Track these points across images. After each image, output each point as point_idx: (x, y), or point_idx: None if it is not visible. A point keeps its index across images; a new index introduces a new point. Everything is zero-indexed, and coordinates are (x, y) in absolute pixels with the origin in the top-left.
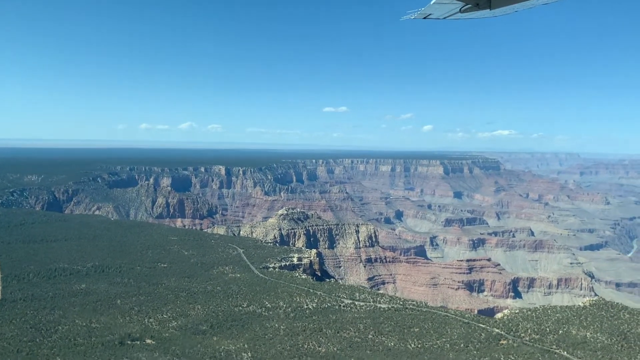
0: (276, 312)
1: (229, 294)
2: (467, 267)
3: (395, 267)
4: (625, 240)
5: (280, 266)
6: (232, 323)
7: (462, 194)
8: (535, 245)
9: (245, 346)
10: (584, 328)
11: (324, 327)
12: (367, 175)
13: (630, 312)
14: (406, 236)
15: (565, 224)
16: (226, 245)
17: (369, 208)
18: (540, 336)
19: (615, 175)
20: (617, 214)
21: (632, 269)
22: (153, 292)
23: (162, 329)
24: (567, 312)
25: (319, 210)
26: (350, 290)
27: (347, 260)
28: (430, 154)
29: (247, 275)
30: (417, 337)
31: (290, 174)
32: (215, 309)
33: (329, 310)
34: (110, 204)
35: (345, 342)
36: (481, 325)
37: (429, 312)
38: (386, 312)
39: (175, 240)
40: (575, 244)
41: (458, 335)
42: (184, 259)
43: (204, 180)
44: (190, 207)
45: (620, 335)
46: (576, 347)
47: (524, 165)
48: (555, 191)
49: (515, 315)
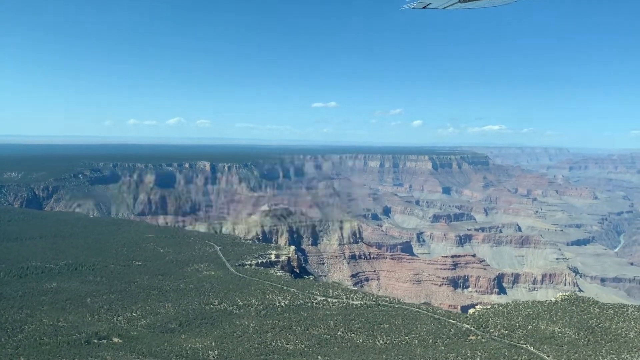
0: (247, 309)
1: (201, 292)
2: (452, 263)
3: (379, 263)
4: (612, 235)
5: (257, 263)
6: (202, 321)
7: (451, 190)
8: (522, 240)
9: (212, 344)
10: (553, 323)
11: (294, 325)
12: (356, 171)
13: (600, 307)
14: (393, 232)
15: (553, 219)
16: (203, 243)
17: (356, 204)
18: (509, 331)
19: (604, 170)
20: (605, 208)
21: (618, 264)
22: (125, 291)
23: (131, 327)
24: (537, 308)
25: (305, 206)
26: (324, 287)
27: (330, 257)
28: (419, 149)
29: (222, 273)
30: (387, 333)
31: (277, 170)
32: (186, 307)
33: (300, 307)
34: (91, 201)
35: (314, 339)
36: (451, 321)
37: (400, 309)
38: (358, 308)
39: (152, 238)
40: (562, 239)
41: (427, 331)
42: (159, 257)
43: (188, 177)
44: (172, 203)
45: (588, 329)
46: (543, 342)
47: (513, 160)
48: (543, 186)
49: (487, 311)
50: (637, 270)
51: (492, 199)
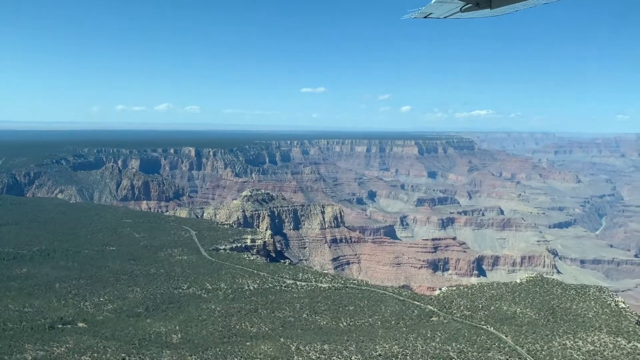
0: (216, 293)
1: (171, 277)
2: (432, 246)
3: (361, 247)
4: (594, 218)
5: (231, 248)
6: (169, 305)
7: (437, 174)
8: (504, 223)
9: (176, 328)
10: (515, 304)
11: (260, 308)
12: (343, 156)
13: (563, 288)
14: (377, 216)
15: (536, 202)
16: (179, 228)
17: (341, 189)
18: (472, 312)
19: (589, 154)
20: (588, 192)
21: (598, 246)
22: (95, 276)
23: (97, 312)
24: (502, 289)
25: (289, 191)
26: (294, 270)
27: (312, 241)
28: (407, 134)
29: (194, 258)
30: (351, 315)
31: (263, 155)
32: (154, 291)
33: (269, 291)
34: (74, 186)
35: (278, 322)
36: (416, 303)
37: (367, 291)
38: (325, 291)
39: (129, 223)
40: (544, 222)
41: (391, 313)
42: (134, 242)
43: (173, 162)
44: (155, 189)
45: (549, 310)
46: (504, 322)
47: (500, 145)
48: (527, 170)
49: (451, 293)
50: (616, 252)
51: (477, 182)
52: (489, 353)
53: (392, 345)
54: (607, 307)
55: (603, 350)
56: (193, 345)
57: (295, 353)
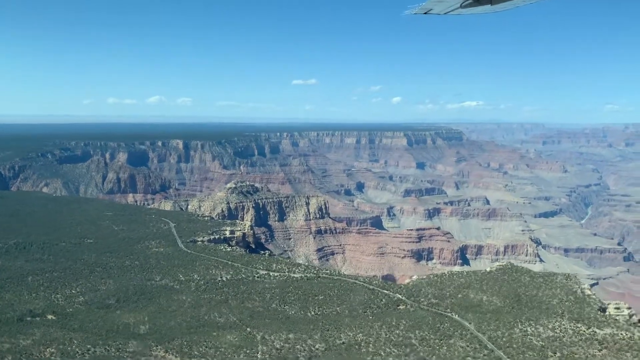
0: (188, 285)
1: (145, 268)
2: (417, 236)
3: (345, 237)
4: (580, 207)
5: (209, 240)
6: (140, 297)
7: (425, 165)
8: (489, 213)
9: (145, 319)
10: (482, 292)
11: (230, 299)
12: (333, 147)
13: (532, 276)
14: (364, 207)
15: (523, 192)
16: (159, 220)
17: (330, 180)
18: (439, 300)
19: (577, 144)
20: (574, 181)
21: (581, 235)
22: (69, 268)
23: (68, 304)
24: (471, 277)
25: (277, 183)
26: (268, 261)
27: (297, 232)
28: (398, 126)
29: (171, 250)
30: (319, 304)
31: (252, 148)
32: (127, 283)
33: (241, 281)
34: (59, 180)
35: (247, 312)
36: (385, 292)
37: (339, 280)
38: (297, 281)
39: (109, 216)
40: (530, 212)
41: (359, 302)
42: (113, 235)
43: (161, 155)
44: (142, 182)
45: (514, 297)
46: (469, 310)
47: (489, 135)
48: (515, 160)
49: (420, 281)
50: (600, 241)
51: (464, 173)
52: (450, 340)
53: (357, 334)
54: (572, 295)
55: (562, 336)
56: (160, 336)
57: (260, 342)
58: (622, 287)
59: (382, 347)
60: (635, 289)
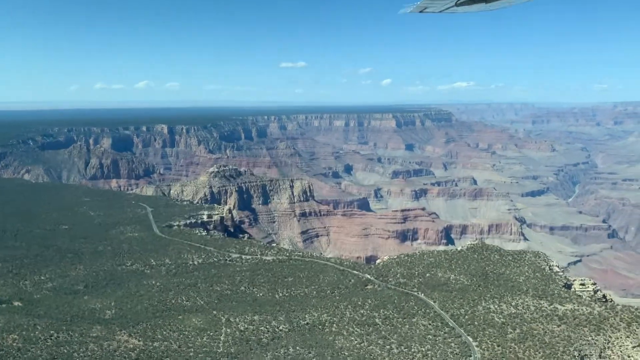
0: (159, 269)
1: (117, 254)
2: (402, 217)
3: (330, 220)
4: (567, 186)
5: (185, 224)
6: (109, 282)
7: (414, 146)
8: (475, 193)
9: (112, 304)
10: (450, 271)
11: (200, 282)
12: (322, 130)
13: (501, 254)
14: (352, 189)
15: (511, 171)
16: (137, 205)
17: (317, 163)
18: (407, 280)
19: (566, 123)
20: (562, 160)
21: (567, 213)
22: (41, 254)
23: (36, 290)
24: (441, 256)
25: (263, 166)
26: (241, 244)
27: (281, 215)
28: (388, 107)
29: (145, 234)
30: (288, 286)
31: (239, 131)
32: (97, 268)
33: (212, 265)
34: (41, 166)
35: (214, 295)
36: (355, 272)
37: (310, 262)
38: (269, 264)
39: (87, 202)
40: (517, 191)
41: (328, 282)
42: (89, 220)
43: (146, 140)
44: (125, 167)
45: (482, 275)
46: (435, 288)
47: (480, 116)
48: (503, 140)
49: (391, 261)
50: (585, 219)
51: (453, 154)
52: (413, 319)
53: (322, 314)
54: (539, 272)
55: (524, 312)
56: (125, 320)
57: (225, 325)
58: (605, 263)
59: (346, 327)
60: (618, 265)
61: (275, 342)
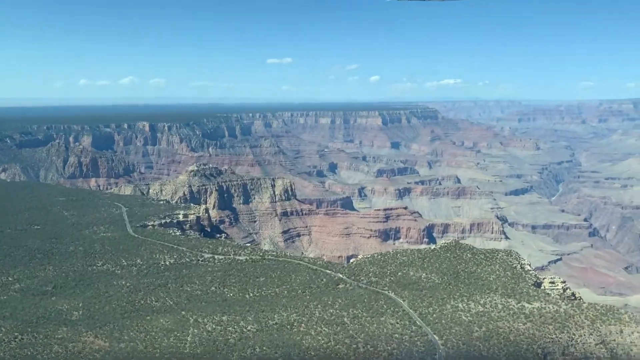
0: (130, 269)
1: (88, 254)
2: (384, 216)
3: (311, 219)
4: (551, 184)
5: (160, 224)
6: (79, 282)
7: (400, 144)
8: (458, 192)
9: (79, 305)
10: (422, 269)
11: (170, 282)
12: (307, 128)
13: (474, 253)
14: (335, 188)
15: (495, 170)
16: (112, 205)
17: (302, 161)
18: (379, 279)
19: (551, 121)
20: (547, 159)
21: (550, 212)
22: (9, 255)
23: (3, 292)
24: (414, 255)
25: (246, 165)
26: (214, 245)
27: (262, 215)
28: (375, 105)
29: (118, 235)
30: (259, 286)
31: (222, 129)
32: (67, 269)
33: (184, 265)
34: (18, 165)
35: (184, 296)
36: (327, 272)
37: (284, 262)
38: (242, 264)
39: (61, 201)
40: (501, 190)
41: (300, 282)
42: (61, 220)
43: (127, 138)
44: (104, 165)
45: (453, 274)
46: (405, 287)
47: (466, 113)
48: (489, 138)
49: (365, 260)
50: (567, 217)
51: (438, 152)
52: (382, 317)
53: (291, 314)
54: (510, 270)
55: (491, 311)
56: (92, 321)
57: (193, 325)
58: (585, 262)
59: (314, 326)
60: (597, 264)
61: (243, 342)
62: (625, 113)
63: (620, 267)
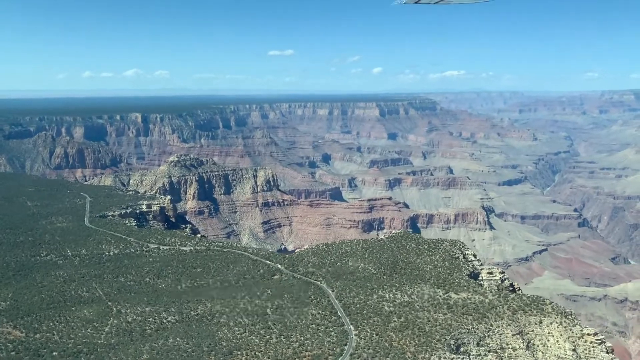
0: (72, 260)
1: (35, 244)
2: (368, 207)
3: (293, 209)
4: (547, 175)
5: (121, 214)
6: (17, 273)
7: (397, 135)
8: (449, 182)
9: (9, 295)
10: (362, 260)
11: (107, 273)
12: (305, 119)
13: (418, 243)
14: (326, 179)
15: (491, 160)
16: (77, 195)
17: (295, 152)
18: (316, 269)
19: (552, 112)
20: (544, 149)
21: (540, 202)
22: None
23: None
24: (359, 245)
25: (236, 156)
26: (162, 235)
27: (243, 205)
28: (377, 96)
29: (73, 225)
30: (193, 277)
31: (216, 120)
32: (10, 259)
33: (128, 256)
34: (4, 156)
35: (116, 286)
36: (267, 262)
37: (228, 252)
38: (184, 255)
39: (29, 192)
40: (494, 180)
41: (236, 273)
42: (23, 210)
43: (119, 129)
44: (91, 156)
45: (391, 265)
46: (339, 277)
47: (469, 105)
48: (486, 129)
49: (307, 251)
50: (557, 208)
51: (434, 143)
52: (305, 308)
53: (215, 305)
54: (449, 260)
55: (416, 301)
56: (16, 312)
57: (114, 316)
58: (571, 252)
59: (235, 318)
60: (584, 254)
61: (159, 333)
62: (626, 104)
63: (606, 258)
